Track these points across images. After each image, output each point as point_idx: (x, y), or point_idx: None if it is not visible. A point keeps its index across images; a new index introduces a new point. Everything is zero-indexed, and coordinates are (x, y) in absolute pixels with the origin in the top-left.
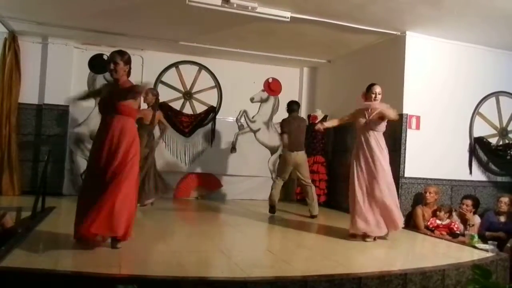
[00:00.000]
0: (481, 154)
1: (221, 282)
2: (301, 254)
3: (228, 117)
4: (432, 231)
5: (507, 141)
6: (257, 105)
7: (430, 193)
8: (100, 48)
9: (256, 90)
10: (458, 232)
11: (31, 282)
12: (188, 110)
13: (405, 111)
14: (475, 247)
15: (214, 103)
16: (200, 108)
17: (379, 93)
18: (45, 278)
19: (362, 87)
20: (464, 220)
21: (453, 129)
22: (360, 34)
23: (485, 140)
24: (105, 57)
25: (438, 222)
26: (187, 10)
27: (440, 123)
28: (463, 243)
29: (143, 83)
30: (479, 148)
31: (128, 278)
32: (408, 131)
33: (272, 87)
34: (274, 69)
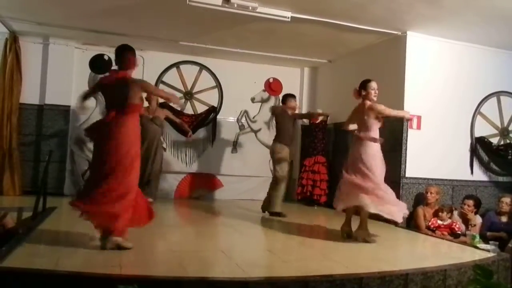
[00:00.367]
0: (482, 154)
1: (222, 282)
2: (302, 254)
3: (229, 117)
4: (433, 231)
5: (508, 141)
6: (258, 105)
7: (431, 193)
8: (101, 48)
9: (257, 90)
10: (460, 232)
11: (32, 283)
12: (189, 110)
13: (406, 111)
14: (477, 247)
15: (215, 103)
16: (201, 108)
17: (377, 89)
18: (46, 279)
19: None
20: (466, 220)
21: (454, 129)
22: (361, 34)
23: (486, 140)
24: (106, 57)
25: (440, 222)
26: (188, 10)
27: (441, 123)
28: (465, 243)
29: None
30: (480, 148)
31: (129, 279)
32: (409, 131)
33: (273, 87)
34: (275, 69)
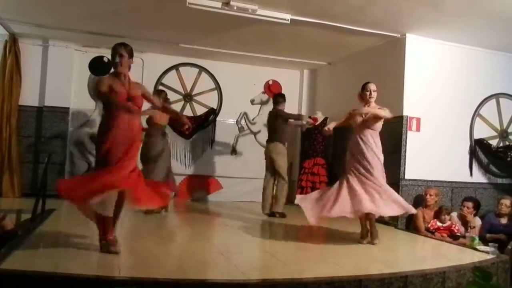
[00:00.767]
0: (482, 156)
1: (221, 285)
2: (301, 256)
3: (229, 119)
4: (433, 233)
5: (508, 143)
6: (258, 107)
7: (431, 195)
8: (100, 50)
9: (257, 92)
10: (459, 234)
11: (31, 285)
12: (189, 112)
13: (405, 113)
14: (476, 249)
15: (215, 105)
16: (201, 110)
17: (374, 91)
18: (45, 281)
19: None
20: (465, 222)
21: (454, 131)
22: (360, 36)
23: (486, 142)
24: (105, 59)
25: (439, 224)
26: (187, 13)
27: (441, 125)
28: (464, 245)
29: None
30: (480, 150)
31: (128, 281)
32: (408, 133)
33: (273, 89)
34: (275, 71)
